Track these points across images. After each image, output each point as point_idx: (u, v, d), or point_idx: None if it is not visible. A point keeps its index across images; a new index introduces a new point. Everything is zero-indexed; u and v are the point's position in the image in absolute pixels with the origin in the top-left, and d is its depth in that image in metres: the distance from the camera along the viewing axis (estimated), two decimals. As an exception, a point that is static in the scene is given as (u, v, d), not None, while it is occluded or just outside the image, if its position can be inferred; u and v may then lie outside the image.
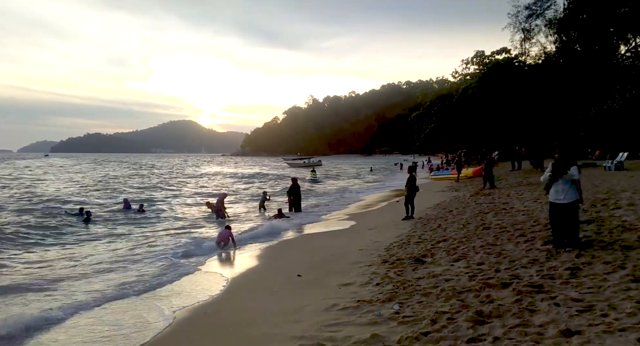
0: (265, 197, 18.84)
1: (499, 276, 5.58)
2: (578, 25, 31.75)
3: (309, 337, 4.51)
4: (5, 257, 9.93)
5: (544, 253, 6.41)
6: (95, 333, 5.39)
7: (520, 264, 6.00)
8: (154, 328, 5.51)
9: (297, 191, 17.52)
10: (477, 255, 6.93)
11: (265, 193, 19.72)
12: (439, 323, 4.32)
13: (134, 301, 6.64)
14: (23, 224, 14.08)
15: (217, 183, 37.12)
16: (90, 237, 12.73)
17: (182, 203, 21.89)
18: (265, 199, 18.57)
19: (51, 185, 31.58)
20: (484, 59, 50.59)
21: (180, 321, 5.72)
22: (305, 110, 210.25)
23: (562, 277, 5.20)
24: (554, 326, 3.81)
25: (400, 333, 4.24)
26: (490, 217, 10.48)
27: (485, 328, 4.04)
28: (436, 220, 11.47)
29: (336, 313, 5.20)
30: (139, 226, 14.51)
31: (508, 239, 7.72)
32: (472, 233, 8.81)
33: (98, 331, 5.46)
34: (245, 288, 7.34)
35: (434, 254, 7.50)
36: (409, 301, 5.19)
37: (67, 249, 10.95)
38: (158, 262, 9.16)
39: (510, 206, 11.84)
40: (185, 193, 27.73)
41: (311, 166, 62.45)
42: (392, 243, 9.22)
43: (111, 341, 5.13)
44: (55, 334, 5.45)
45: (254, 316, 5.60)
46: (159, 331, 5.39)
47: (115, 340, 5.14)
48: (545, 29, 35.61)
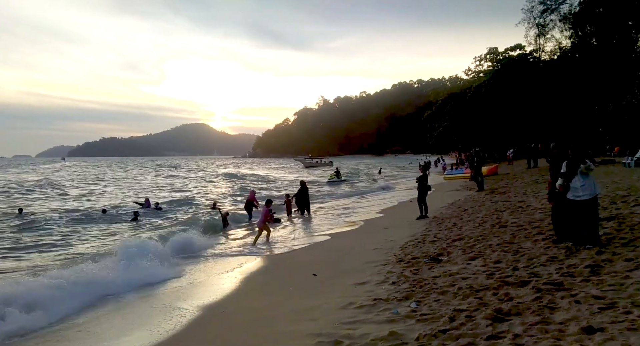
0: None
1: (517, 274, 5.51)
2: (594, 20, 31.16)
3: (326, 334, 4.52)
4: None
5: (563, 250, 6.30)
6: (125, 320, 5.50)
7: (539, 262, 5.92)
8: (174, 323, 5.59)
9: (305, 194, 17.64)
10: (494, 253, 6.86)
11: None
12: (457, 320, 4.29)
13: (150, 298, 6.73)
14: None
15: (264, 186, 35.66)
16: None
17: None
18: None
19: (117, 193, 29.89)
20: (497, 55, 49.95)
21: (198, 319, 5.78)
22: (316, 111, 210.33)
23: (583, 274, 5.12)
24: (576, 324, 3.75)
25: (418, 330, 4.22)
26: (506, 215, 10.35)
27: (505, 325, 4.00)
28: (451, 219, 11.38)
29: (353, 311, 5.20)
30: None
31: (525, 237, 7.62)
32: (488, 232, 8.72)
33: (125, 320, 5.58)
34: (261, 286, 7.39)
35: (450, 252, 7.45)
36: (426, 299, 5.16)
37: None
38: (173, 259, 9.28)
39: (527, 204, 11.67)
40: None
41: (325, 166, 62.38)
42: (407, 242, 9.17)
43: (130, 334, 5.22)
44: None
45: (270, 314, 5.64)
46: (179, 328, 5.45)
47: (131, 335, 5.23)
48: (560, 24, 35.07)
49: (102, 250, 10.71)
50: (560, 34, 35.68)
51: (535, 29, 36.54)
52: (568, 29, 34.45)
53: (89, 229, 15.03)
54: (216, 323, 5.62)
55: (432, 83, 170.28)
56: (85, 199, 25.50)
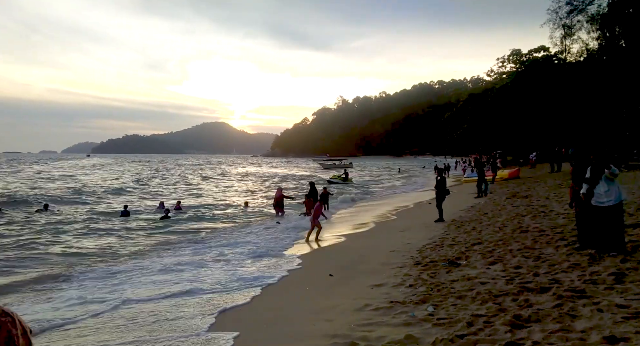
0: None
1: (538, 280, 5.42)
2: (623, 20, 30.20)
3: (342, 336, 4.54)
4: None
5: (586, 257, 6.16)
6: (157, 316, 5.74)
7: (561, 269, 5.80)
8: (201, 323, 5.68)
9: (315, 195, 17.73)
10: (514, 259, 6.75)
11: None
12: (475, 326, 4.25)
13: (177, 300, 6.83)
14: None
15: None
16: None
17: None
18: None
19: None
20: (520, 57, 48.93)
21: (221, 318, 5.83)
22: (335, 111, 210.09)
23: (606, 282, 4.99)
24: (597, 333, 3.67)
25: (435, 334, 4.20)
26: (527, 220, 10.16)
27: (524, 332, 3.95)
28: (470, 223, 11.23)
29: (369, 313, 5.20)
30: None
31: (547, 243, 7.47)
32: (508, 236, 8.57)
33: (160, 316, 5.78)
34: (278, 286, 7.44)
35: (469, 257, 7.36)
36: (443, 303, 5.12)
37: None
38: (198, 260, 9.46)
39: (549, 208, 11.43)
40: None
41: (343, 167, 62.14)
42: (425, 245, 9.10)
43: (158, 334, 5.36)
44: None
45: (287, 314, 5.69)
46: (208, 326, 5.52)
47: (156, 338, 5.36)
48: (588, 25, 34.11)
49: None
50: (587, 35, 34.70)
51: (561, 30, 35.61)
52: (595, 30, 33.47)
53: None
54: (236, 322, 5.67)
55: (453, 84, 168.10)
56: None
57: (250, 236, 12.84)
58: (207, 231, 14.23)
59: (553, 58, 40.00)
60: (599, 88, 30.24)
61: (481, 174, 18.82)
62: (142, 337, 5.22)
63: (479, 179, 18.72)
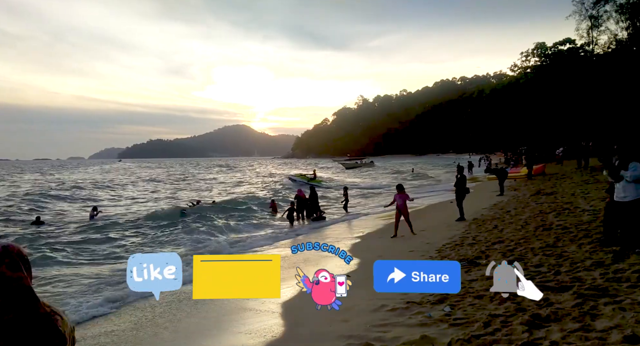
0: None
1: (559, 279, 5.29)
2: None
3: (357, 336, 4.55)
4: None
5: (610, 255, 5.97)
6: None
7: (583, 267, 5.64)
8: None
9: (315, 198, 17.56)
10: (535, 257, 6.60)
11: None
12: (492, 326, 4.19)
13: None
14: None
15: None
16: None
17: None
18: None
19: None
20: (545, 50, 47.59)
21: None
22: (355, 111, 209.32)
23: (630, 281, 4.84)
24: (618, 332, 3.57)
25: (451, 335, 4.17)
26: (551, 217, 9.90)
27: (542, 332, 3.87)
28: (492, 221, 11.02)
29: (385, 314, 5.19)
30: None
31: (570, 241, 7.27)
32: (530, 234, 8.38)
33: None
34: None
35: (489, 256, 7.23)
36: (460, 303, 5.07)
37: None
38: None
39: (574, 205, 11.09)
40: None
41: (366, 166, 61.82)
42: (444, 244, 8.98)
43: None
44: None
45: (302, 314, 5.73)
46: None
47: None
48: (616, 15, 32.95)
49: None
50: (615, 25, 33.51)
51: (588, 21, 34.54)
52: (625, 19, 32.29)
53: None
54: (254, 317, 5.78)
55: (475, 80, 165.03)
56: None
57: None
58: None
59: (579, 50, 38.76)
60: (628, 79, 29.13)
61: (502, 172, 18.53)
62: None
63: (500, 177, 18.38)
